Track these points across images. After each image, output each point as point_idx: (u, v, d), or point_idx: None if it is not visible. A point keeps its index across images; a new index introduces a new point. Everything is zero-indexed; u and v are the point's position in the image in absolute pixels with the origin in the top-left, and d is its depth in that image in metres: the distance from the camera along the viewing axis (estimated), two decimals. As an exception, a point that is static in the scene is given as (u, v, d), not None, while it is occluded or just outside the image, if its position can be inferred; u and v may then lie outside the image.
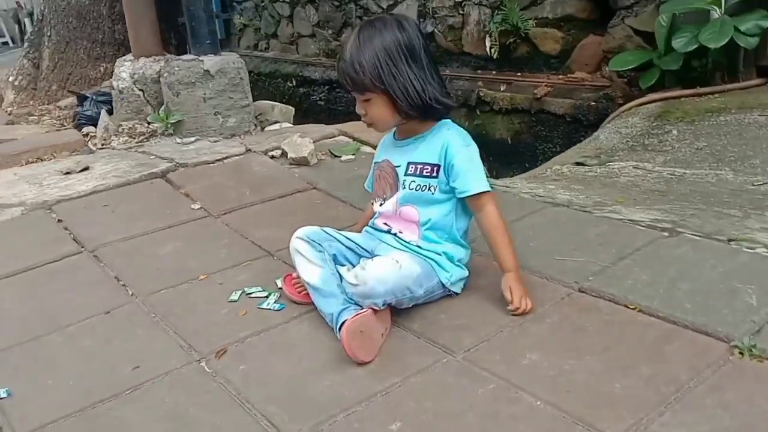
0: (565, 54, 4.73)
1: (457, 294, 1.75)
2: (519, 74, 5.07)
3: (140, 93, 3.67)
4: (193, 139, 3.33)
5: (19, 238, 2.39)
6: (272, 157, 3.08)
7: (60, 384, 1.56)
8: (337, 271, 1.67)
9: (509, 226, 2.12)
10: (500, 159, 5.04)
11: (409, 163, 1.72)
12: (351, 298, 1.60)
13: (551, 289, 1.76)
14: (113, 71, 3.83)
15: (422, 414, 1.33)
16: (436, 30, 5.82)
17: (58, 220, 2.51)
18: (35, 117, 4.36)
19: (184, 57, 3.47)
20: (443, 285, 1.71)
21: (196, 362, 1.60)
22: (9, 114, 4.49)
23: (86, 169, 2.97)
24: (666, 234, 1.99)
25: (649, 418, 1.25)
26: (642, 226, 2.08)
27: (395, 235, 1.74)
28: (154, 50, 3.80)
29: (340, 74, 1.67)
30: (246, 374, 1.53)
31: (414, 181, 1.71)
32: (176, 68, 3.38)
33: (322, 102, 7.05)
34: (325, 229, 1.79)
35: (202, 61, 3.34)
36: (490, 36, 5.25)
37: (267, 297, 1.86)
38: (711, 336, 1.46)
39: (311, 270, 1.69)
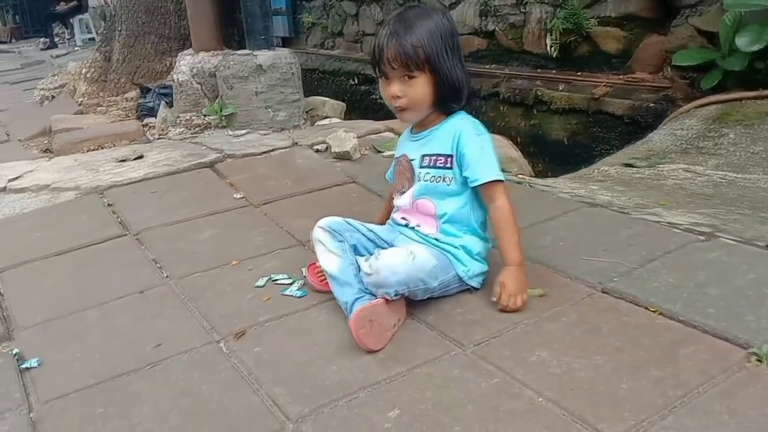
0: (627, 53, 4.61)
1: (476, 289, 1.75)
2: (579, 74, 4.97)
3: (198, 86, 3.80)
4: (244, 131, 3.43)
5: (70, 220, 2.52)
6: (317, 151, 3.13)
7: (87, 357, 1.64)
8: (356, 262, 1.70)
9: (542, 225, 2.12)
10: (556, 160, 4.96)
11: (423, 156, 1.73)
12: (366, 288, 1.62)
13: (573, 288, 1.73)
14: (175, 65, 3.97)
15: (422, 404, 1.34)
16: (497, 28, 5.77)
17: (108, 204, 2.63)
18: (103, 108, 4.57)
19: (239, 52, 3.58)
20: (461, 279, 1.71)
21: (215, 343, 1.65)
22: (79, 104, 4.72)
23: (140, 157, 3.10)
24: (702, 238, 1.92)
25: (651, 420, 1.22)
26: (679, 229, 2.01)
27: (413, 228, 1.75)
28: (214, 45, 3.93)
29: (390, 50, 1.62)
30: (259, 356, 1.57)
31: (428, 173, 1.71)
32: (231, 63, 3.48)
33: (381, 100, 7.07)
34: (347, 219, 1.81)
35: (255, 55, 3.44)
36: (551, 34, 5.17)
37: (291, 284, 1.90)
38: (730, 342, 1.41)
39: (330, 259, 1.72)
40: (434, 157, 1.71)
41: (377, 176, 2.77)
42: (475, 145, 1.65)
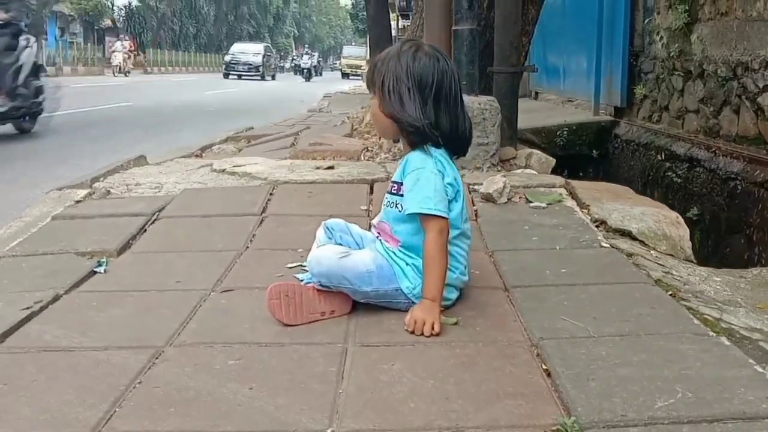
0: None
1: (425, 308, 1.78)
2: None
3: (421, 122, 4.21)
4: (428, 163, 3.72)
5: (237, 198, 3.13)
6: (473, 190, 3.26)
7: (134, 276, 2.14)
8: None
9: (580, 287, 2.03)
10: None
11: (390, 182, 1.85)
12: (313, 275, 1.83)
13: (512, 336, 1.67)
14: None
15: (257, 364, 1.52)
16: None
17: (271, 193, 3.17)
18: (369, 135, 5.29)
19: (451, 95, 3.89)
20: (406, 294, 1.77)
21: (210, 290, 2.01)
22: (353, 129, 5.53)
23: (331, 168, 3.62)
24: (714, 336, 1.64)
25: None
26: (712, 326, 1.74)
27: (380, 240, 1.87)
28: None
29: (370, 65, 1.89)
30: (216, 305, 1.89)
31: (387, 198, 1.84)
32: (439, 103, 3.81)
33: (678, 179, 6.60)
34: (348, 224, 2.02)
35: (456, 98, 3.71)
36: None
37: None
38: (561, 406, 1.27)
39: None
40: (392, 184, 1.83)
41: (502, 221, 2.81)
42: (412, 176, 1.73)
